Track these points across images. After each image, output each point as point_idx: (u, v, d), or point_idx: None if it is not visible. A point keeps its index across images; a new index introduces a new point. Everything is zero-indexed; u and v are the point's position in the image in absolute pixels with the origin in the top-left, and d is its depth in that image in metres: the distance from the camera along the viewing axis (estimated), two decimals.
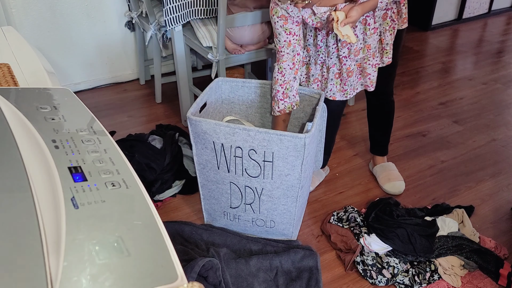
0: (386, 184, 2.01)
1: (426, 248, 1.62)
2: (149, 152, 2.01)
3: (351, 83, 1.70)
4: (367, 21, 1.58)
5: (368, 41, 1.62)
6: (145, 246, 0.62)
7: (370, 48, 1.64)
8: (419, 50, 3.48)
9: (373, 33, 1.61)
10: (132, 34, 2.84)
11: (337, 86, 1.72)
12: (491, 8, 4.09)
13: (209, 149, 1.57)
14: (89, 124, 0.87)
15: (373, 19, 1.58)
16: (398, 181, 2.01)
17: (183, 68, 2.34)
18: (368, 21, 1.58)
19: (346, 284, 1.60)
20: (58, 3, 2.54)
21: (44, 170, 0.73)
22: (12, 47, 1.39)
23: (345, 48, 1.62)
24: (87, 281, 0.56)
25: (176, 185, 2.00)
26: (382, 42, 1.67)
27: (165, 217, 1.88)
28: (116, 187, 0.72)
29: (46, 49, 2.61)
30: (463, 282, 1.58)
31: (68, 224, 0.63)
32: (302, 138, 1.43)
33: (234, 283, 1.53)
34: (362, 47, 1.63)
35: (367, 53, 1.65)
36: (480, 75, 3.09)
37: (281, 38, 1.59)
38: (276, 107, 1.71)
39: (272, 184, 1.57)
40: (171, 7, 2.05)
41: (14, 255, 0.58)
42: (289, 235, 1.73)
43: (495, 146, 2.34)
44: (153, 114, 2.63)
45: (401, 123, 2.52)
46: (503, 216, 1.88)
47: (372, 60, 1.67)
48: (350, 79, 1.68)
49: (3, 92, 0.93)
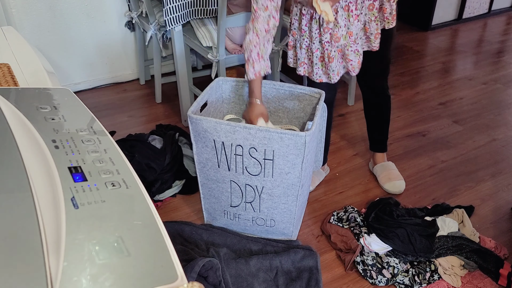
0: (386, 184, 2.01)
1: (426, 248, 1.62)
2: (149, 152, 2.01)
3: (332, 68, 1.72)
4: (350, 7, 1.61)
5: (351, 27, 1.65)
6: (145, 246, 0.62)
7: (352, 35, 1.66)
8: (419, 50, 3.48)
9: (355, 19, 1.64)
10: (132, 34, 2.84)
11: (322, 69, 1.75)
12: (491, 8, 4.09)
13: (209, 147, 1.57)
14: (89, 124, 0.87)
15: (355, 5, 1.61)
16: (399, 181, 2.01)
17: (183, 68, 2.34)
18: (350, 7, 1.61)
19: (346, 284, 1.60)
20: (58, 3, 2.54)
21: (44, 170, 0.73)
22: (12, 47, 1.39)
23: (327, 33, 1.65)
24: (87, 281, 0.56)
25: (176, 185, 2.00)
26: (366, 31, 1.70)
27: (165, 217, 1.88)
28: (116, 187, 0.72)
29: (46, 49, 2.61)
30: (463, 282, 1.58)
31: (68, 224, 0.63)
32: (303, 136, 1.44)
33: (234, 283, 1.53)
34: (344, 34, 1.65)
35: (349, 39, 1.67)
36: (480, 75, 3.09)
37: (259, 1, 1.60)
38: (251, 69, 1.67)
39: (272, 182, 1.58)
40: (171, 7, 2.05)
41: (14, 255, 0.58)
42: (289, 235, 1.73)
43: (495, 146, 2.34)
44: (153, 114, 2.63)
45: (401, 123, 2.52)
46: (503, 216, 1.88)
47: (354, 46, 1.69)
48: (332, 64, 1.70)
49: (3, 92, 0.93)
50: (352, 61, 1.71)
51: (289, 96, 1.78)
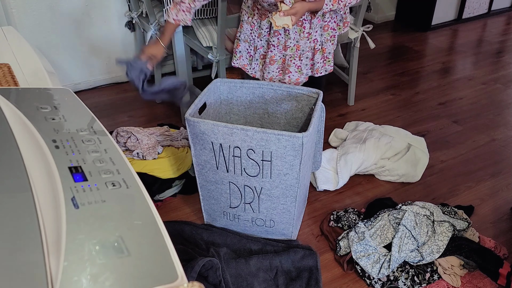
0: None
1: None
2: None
3: (269, 70, 1.75)
4: (303, 24, 1.66)
5: (300, 42, 1.69)
6: (145, 246, 0.63)
7: (299, 49, 1.70)
8: (419, 50, 3.48)
9: (306, 37, 1.68)
10: (132, 34, 2.84)
11: (260, 66, 1.78)
12: (491, 8, 4.09)
13: (207, 149, 1.58)
14: (89, 124, 0.87)
15: (309, 24, 1.66)
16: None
17: (183, 68, 2.34)
18: (304, 24, 1.66)
19: (345, 283, 1.60)
20: (58, 3, 2.54)
21: (45, 170, 0.73)
22: (12, 47, 1.39)
23: (275, 37, 1.68)
24: (87, 281, 0.56)
25: (176, 185, 2.00)
26: (324, 52, 1.76)
27: (165, 217, 1.88)
28: (116, 187, 0.72)
29: (46, 49, 2.61)
30: (462, 282, 1.58)
31: (68, 224, 0.63)
32: (300, 138, 1.44)
33: (234, 283, 1.53)
34: (292, 46, 1.69)
35: (295, 52, 1.71)
36: (479, 75, 3.09)
37: None
38: (174, 14, 1.70)
39: (271, 183, 1.58)
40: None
41: (14, 255, 0.58)
42: (289, 235, 1.74)
43: (494, 146, 2.34)
44: (153, 114, 2.63)
45: (401, 123, 2.52)
46: (503, 216, 1.88)
47: (297, 61, 1.73)
48: (271, 66, 1.74)
49: (3, 92, 0.93)
50: (291, 74, 1.75)
51: (287, 97, 1.78)
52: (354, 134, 2.24)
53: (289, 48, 1.68)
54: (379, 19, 3.96)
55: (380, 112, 2.63)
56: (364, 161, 2.05)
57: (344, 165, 2.01)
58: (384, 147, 2.09)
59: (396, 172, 2.05)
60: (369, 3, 2.52)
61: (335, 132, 2.33)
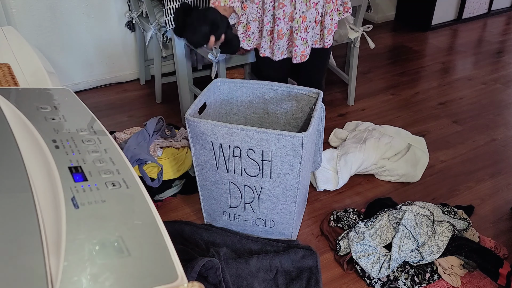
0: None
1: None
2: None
3: (279, 45, 1.73)
4: None
5: (306, 13, 1.67)
6: (145, 246, 0.63)
7: (305, 20, 1.68)
8: (418, 50, 3.48)
9: (312, 7, 1.66)
10: (132, 34, 2.84)
11: (268, 43, 1.76)
12: (490, 8, 4.09)
13: (207, 149, 1.58)
14: (89, 124, 0.87)
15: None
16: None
17: (183, 68, 2.34)
18: None
19: (345, 283, 1.60)
20: (58, 3, 2.54)
21: (45, 170, 0.73)
22: (12, 47, 1.39)
23: (281, 9, 1.66)
24: (88, 281, 0.56)
25: (176, 185, 2.00)
26: (322, 24, 1.73)
27: (165, 217, 1.88)
28: (116, 187, 0.72)
29: (46, 49, 2.61)
30: (462, 282, 1.58)
31: (68, 224, 0.63)
32: (300, 137, 1.44)
33: (234, 283, 1.54)
34: (297, 17, 1.67)
35: (301, 24, 1.69)
36: (479, 75, 3.09)
37: None
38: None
39: (271, 183, 1.58)
40: (171, 7, 2.06)
41: (14, 255, 0.58)
42: (289, 235, 1.74)
43: (494, 146, 2.34)
44: (153, 114, 2.63)
45: (401, 123, 2.52)
46: (503, 216, 1.88)
47: (303, 33, 1.72)
48: (280, 41, 1.72)
49: (3, 92, 0.93)
50: (297, 48, 1.74)
51: (287, 97, 1.78)
52: (354, 134, 2.24)
53: (295, 20, 1.67)
54: (379, 19, 3.96)
55: (380, 112, 2.64)
56: (364, 161, 2.05)
57: (344, 165, 2.01)
58: (384, 147, 2.10)
59: (396, 172, 2.06)
60: (369, 3, 2.52)
61: (335, 132, 2.34)
